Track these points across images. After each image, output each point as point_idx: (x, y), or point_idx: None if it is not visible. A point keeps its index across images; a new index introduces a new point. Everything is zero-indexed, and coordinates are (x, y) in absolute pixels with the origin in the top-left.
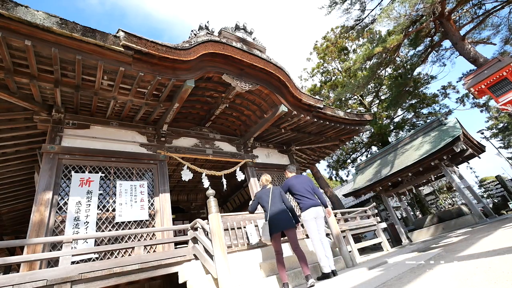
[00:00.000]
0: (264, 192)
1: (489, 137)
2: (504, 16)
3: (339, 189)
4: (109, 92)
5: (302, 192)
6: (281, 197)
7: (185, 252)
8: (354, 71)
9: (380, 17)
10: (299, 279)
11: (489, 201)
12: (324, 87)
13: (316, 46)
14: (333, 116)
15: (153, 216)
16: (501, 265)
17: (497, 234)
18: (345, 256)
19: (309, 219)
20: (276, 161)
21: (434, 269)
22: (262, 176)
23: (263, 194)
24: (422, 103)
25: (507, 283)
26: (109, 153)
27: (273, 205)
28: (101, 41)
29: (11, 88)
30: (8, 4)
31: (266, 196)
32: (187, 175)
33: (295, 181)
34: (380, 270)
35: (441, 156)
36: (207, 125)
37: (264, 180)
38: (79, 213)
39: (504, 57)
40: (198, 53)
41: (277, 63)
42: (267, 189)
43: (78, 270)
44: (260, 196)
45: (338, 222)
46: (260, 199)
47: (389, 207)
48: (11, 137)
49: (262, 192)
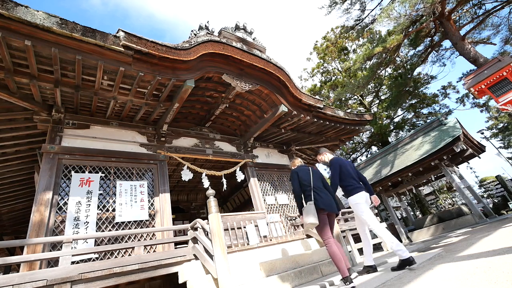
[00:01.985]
0: (302, 170)
1: (489, 137)
2: (504, 16)
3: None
4: (109, 92)
5: (351, 174)
6: (322, 180)
7: (185, 252)
8: (354, 71)
9: (380, 17)
10: (300, 279)
11: (489, 201)
12: (324, 87)
13: (316, 46)
14: (333, 116)
15: (153, 216)
16: (501, 265)
17: (497, 234)
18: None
19: (360, 202)
20: (276, 161)
21: (434, 269)
22: (295, 160)
23: (302, 173)
24: (422, 103)
25: (507, 283)
26: (109, 153)
27: (316, 185)
28: (101, 41)
29: (11, 88)
30: (8, 4)
31: (306, 175)
32: (187, 175)
33: (342, 162)
34: (380, 270)
35: (441, 156)
36: (207, 125)
37: (298, 162)
38: (79, 213)
39: (504, 57)
40: (198, 53)
41: (277, 63)
42: (305, 167)
43: (78, 270)
44: (300, 174)
45: (338, 222)
46: (300, 178)
47: (389, 207)
48: (11, 137)
49: (300, 170)
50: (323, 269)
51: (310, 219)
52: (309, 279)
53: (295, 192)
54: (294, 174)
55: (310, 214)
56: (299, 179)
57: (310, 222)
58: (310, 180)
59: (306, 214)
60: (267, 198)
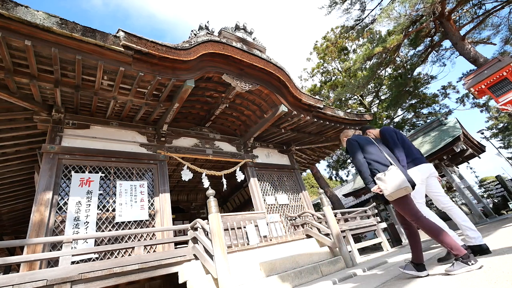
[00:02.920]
0: (361, 139)
1: (489, 137)
2: (504, 16)
3: (339, 189)
4: (109, 92)
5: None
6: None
7: (185, 252)
8: (354, 71)
9: (380, 17)
10: (300, 279)
11: (489, 201)
12: (324, 87)
13: (316, 46)
14: (333, 116)
15: (153, 216)
16: (501, 265)
17: (497, 234)
18: (345, 256)
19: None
20: (276, 161)
21: (434, 269)
22: (348, 131)
23: (363, 141)
24: (422, 103)
25: (507, 283)
26: (109, 153)
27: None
28: (101, 41)
29: (11, 88)
30: (8, 4)
31: (370, 144)
32: (187, 175)
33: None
34: (380, 270)
35: (441, 156)
36: (207, 125)
37: (352, 132)
38: (79, 213)
39: (504, 57)
40: (198, 53)
41: (277, 63)
42: (364, 136)
43: (78, 270)
44: (361, 144)
45: (338, 222)
46: (362, 148)
47: (389, 207)
48: (11, 137)
49: (358, 138)
50: (323, 269)
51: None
52: (309, 279)
53: (360, 168)
54: (355, 144)
55: (397, 178)
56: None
57: (405, 186)
58: (377, 148)
59: (390, 180)
60: (267, 198)
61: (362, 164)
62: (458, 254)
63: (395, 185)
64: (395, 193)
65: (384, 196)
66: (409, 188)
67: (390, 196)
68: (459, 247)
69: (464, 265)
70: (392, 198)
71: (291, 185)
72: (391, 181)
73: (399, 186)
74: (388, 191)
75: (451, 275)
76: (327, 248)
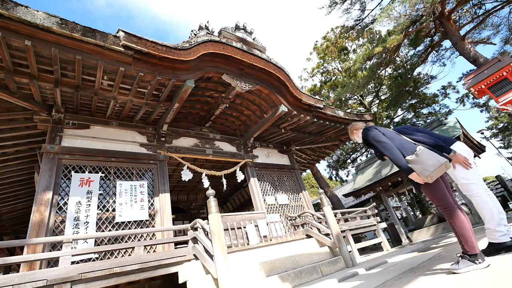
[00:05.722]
0: (384, 130)
1: (489, 137)
2: (504, 16)
3: (339, 189)
4: (109, 92)
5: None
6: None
7: (185, 252)
8: (354, 71)
9: (380, 17)
10: (300, 279)
11: None
12: (324, 87)
13: (316, 46)
14: (333, 116)
15: (153, 216)
16: (501, 265)
17: None
18: (345, 256)
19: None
20: (276, 161)
21: (434, 269)
22: (358, 124)
23: (382, 129)
24: (422, 103)
25: (507, 283)
26: (109, 153)
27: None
28: (101, 41)
29: (11, 88)
30: (8, 4)
31: (389, 131)
32: (187, 175)
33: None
34: (380, 270)
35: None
36: (207, 125)
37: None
38: (79, 213)
39: (504, 57)
40: (198, 53)
41: (277, 63)
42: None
43: (78, 270)
44: (382, 131)
45: (338, 222)
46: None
47: (389, 207)
48: (11, 137)
49: (383, 130)
50: (323, 269)
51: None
52: (309, 279)
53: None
54: (380, 134)
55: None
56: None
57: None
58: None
59: (428, 157)
60: (267, 198)
61: (392, 147)
62: (469, 252)
63: (433, 163)
64: (436, 172)
65: (415, 181)
66: (448, 163)
67: (431, 176)
68: (475, 246)
69: (471, 264)
70: (433, 179)
71: (291, 185)
72: (426, 159)
73: (438, 162)
74: (428, 172)
75: (456, 273)
76: (327, 248)
